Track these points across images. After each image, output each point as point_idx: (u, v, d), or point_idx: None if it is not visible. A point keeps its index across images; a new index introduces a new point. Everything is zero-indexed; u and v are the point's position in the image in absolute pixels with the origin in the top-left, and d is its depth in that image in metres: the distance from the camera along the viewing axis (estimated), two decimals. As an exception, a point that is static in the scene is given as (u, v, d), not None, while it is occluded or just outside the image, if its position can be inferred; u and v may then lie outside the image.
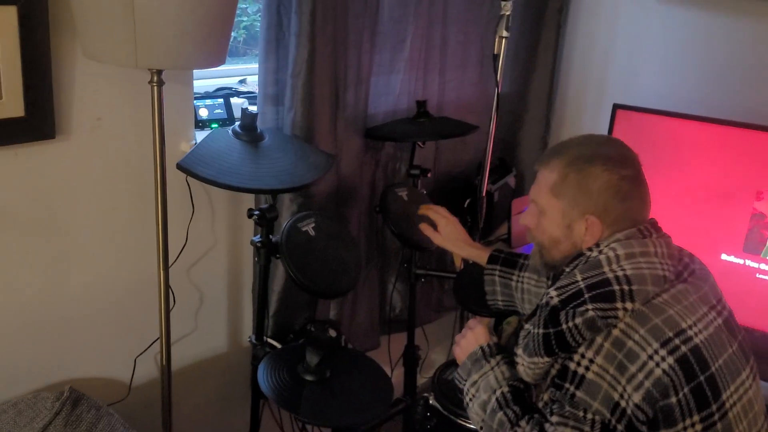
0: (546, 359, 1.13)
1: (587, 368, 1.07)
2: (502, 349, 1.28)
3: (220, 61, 1.36)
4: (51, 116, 1.36)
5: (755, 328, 1.99)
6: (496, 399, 1.19)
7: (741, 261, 2.00)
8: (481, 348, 1.26)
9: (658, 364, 1.06)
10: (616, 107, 2.15)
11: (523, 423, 1.15)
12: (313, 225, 1.58)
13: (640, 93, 2.34)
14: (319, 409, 1.38)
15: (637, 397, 1.05)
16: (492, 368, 1.23)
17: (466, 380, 1.26)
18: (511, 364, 1.23)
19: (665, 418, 1.06)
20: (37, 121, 1.34)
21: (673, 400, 1.06)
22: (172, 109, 1.53)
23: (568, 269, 1.20)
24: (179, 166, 1.39)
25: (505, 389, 1.20)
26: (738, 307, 1.98)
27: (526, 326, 1.19)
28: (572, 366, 1.09)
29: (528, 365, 1.16)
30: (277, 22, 1.64)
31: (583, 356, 1.08)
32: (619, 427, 1.07)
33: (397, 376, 2.16)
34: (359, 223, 1.99)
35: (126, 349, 1.64)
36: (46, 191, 1.42)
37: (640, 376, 1.05)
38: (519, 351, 1.19)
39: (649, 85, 2.37)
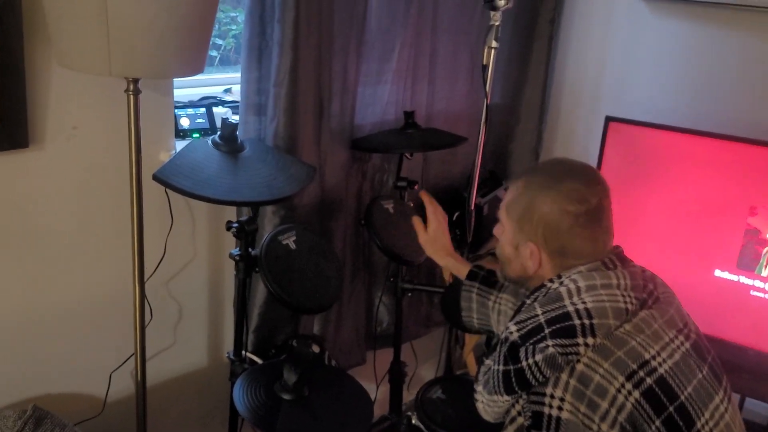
0: (506, 398, 1.09)
1: (560, 408, 1.03)
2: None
3: (198, 70, 1.32)
4: (24, 125, 1.32)
5: (749, 346, 1.95)
6: None
7: (735, 277, 1.96)
8: None
9: (626, 398, 1.02)
10: (609, 120, 2.12)
11: None
12: (294, 238, 1.54)
13: (633, 105, 2.32)
14: (295, 429, 1.34)
15: None
16: None
17: None
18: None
19: None
20: (10, 129, 1.31)
21: None
22: (151, 118, 1.50)
23: (528, 301, 1.17)
24: (155, 177, 1.35)
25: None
26: (732, 325, 1.96)
27: (487, 362, 1.15)
28: (546, 410, 1.04)
29: (488, 403, 1.13)
30: (260, 30, 1.62)
31: (552, 396, 1.04)
32: None
33: (383, 393, 2.12)
34: (345, 236, 1.95)
35: (101, 363, 1.59)
36: (18, 201, 1.38)
37: (613, 411, 1.02)
38: (479, 388, 1.15)
39: (642, 98, 2.34)
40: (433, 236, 1.59)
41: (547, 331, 1.06)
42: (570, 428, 1.03)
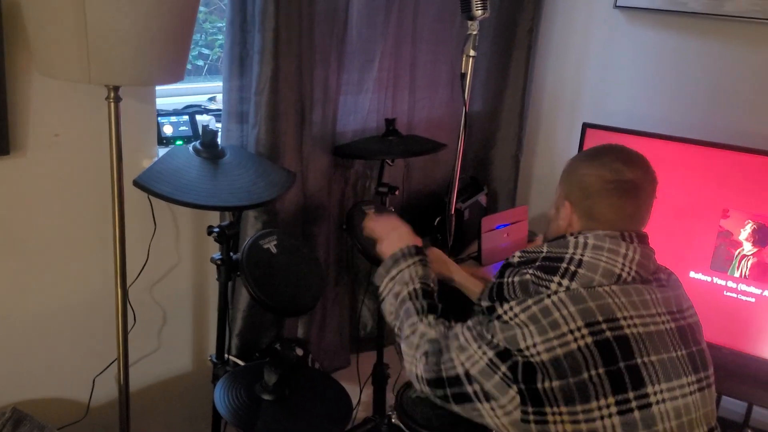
0: (489, 304, 1.23)
1: (511, 318, 1.15)
2: (421, 251, 1.39)
3: (178, 78, 1.35)
4: (5, 132, 1.35)
5: (724, 345, 1.99)
6: (408, 292, 1.32)
7: (709, 278, 2.00)
8: (401, 249, 1.38)
9: (576, 340, 1.10)
10: (586, 126, 2.16)
11: (430, 317, 1.27)
12: (275, 243, 1.57)
13: (611, 112, 2.37)
14: (275, 429, 1.36)
15: (545, 356, 1.10)
16: (408, 266, 1.35)
17: (385, 276, 1.37)
18: (427, 266, 1.37)
19: (580, 393, 1.09)
20: (-8, 137, 1.33)
21: (585, 375, 1.09)
22: (134, 126, 1.53)
23: (545, 242, 1.28)
24: (136, 183, 1.38)
25: (417, 285, 1.32)
26: (707, 325, 1.97)
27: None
28: (499, 311, 1.17)
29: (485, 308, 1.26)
30: (241, 39, 1.65)
31: (511, 308, 1.15)
32: (520, 359, 1.11)
33: (368, 395, 2.14)
34: (328, 241, 1.98)
35: (84, 368, 1.61)
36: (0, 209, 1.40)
37: (555, 342, 1.10)
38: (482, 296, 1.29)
39: (620, 105, 2.39)
40: (434, 257, 1.62)
41: (537, 263, 1.19)
42: (507, 326, 1.14)
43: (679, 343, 1.18)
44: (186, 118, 1.77)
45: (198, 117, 1.81)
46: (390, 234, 1.43)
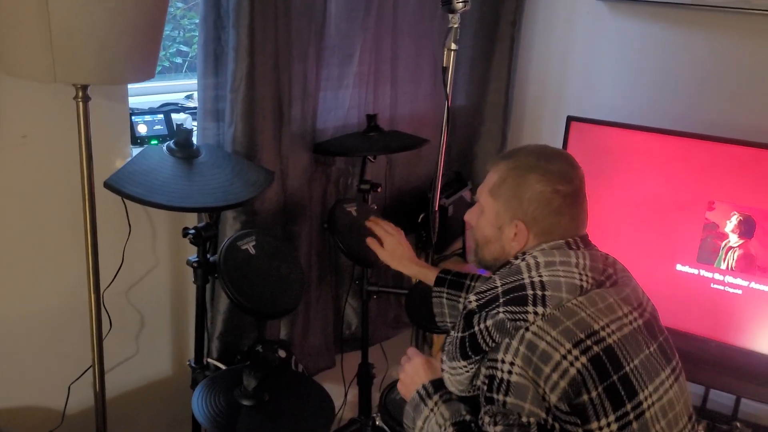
0: (462, 363, 1.14)
1: (510, 372, 1.07)
2: (439, 387, 1.25)
3: (148, 76, 1.31)
4: (-30, 134, 1.31)
5: (710, 337, 1.98)
6: None
7: (695, 271, 1.99)
8: (418, 392, 1.25)
9: (572, 364, 1.06)
10: (570, 119, 2.14)
11: None
12: (253, 243, 1.53)
13: (595, 105, 2.35)
14: (255, 434, 1.33)
15: (554, 398, 1.06)
16: (431, 410, 1.22)
17: (413, 428, 1.25)
18: (449, 401, 1.22)
19: (580, 415, 1.06)
20: (-43, 139, 1.29)
21: (585, 398, 1.06)
22: (106, 125, 1.49)
23: (493, 276, 1.22)
24: (106, 184, 1.34)
25: (450, 430, 1.18)
26: (694, 318, 1.99)
27: (451, 332, 1.19)
28: (498, 374, 1.09)
29: (449, 370, 1.17)
30: (215, 35, 1.61)
31: (503, 361, 1.08)
32: (557, 425, 1.07)
33: (354, 396, 2.11)
34: (310, 240, 1.94)
35: (59, 375, 1.57)
36: (-33, 212, 1.36)
37: (555, 376, 1.06)
38: (444, 357, 1.19)
39: (604, 98, 2.37)
40: (391, 250, 1.65)
41: (501, 300, 1.12)
42: (519, 390, 1.06)
43: (648, 338, 1.17)
44: (161, 116, 1.73)
45: (174, 115, 1.77)
46: (405, 374, 1.32)
